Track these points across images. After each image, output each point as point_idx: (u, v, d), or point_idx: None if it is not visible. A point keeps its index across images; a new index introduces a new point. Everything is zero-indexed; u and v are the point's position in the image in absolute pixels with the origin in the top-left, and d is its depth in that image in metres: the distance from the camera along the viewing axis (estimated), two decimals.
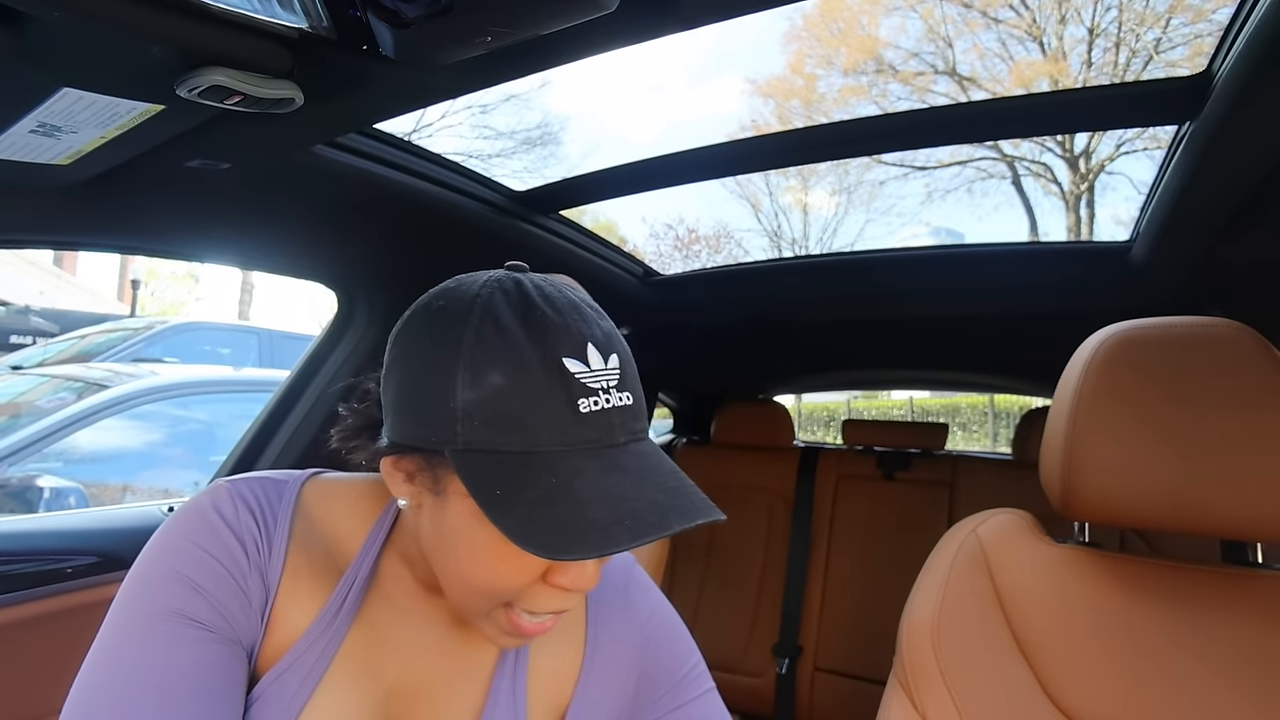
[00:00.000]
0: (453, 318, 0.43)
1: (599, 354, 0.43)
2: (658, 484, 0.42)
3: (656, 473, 0.43)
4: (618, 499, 0.40)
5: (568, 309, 0.44)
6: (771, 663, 1.82)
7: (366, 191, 0.95)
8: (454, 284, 0.46)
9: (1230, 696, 0.64)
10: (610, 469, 0.41)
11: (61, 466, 2.14)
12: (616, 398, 0.43)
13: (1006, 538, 0.79)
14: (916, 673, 0.75)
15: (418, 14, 0.49)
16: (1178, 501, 0.66)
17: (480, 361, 0.41)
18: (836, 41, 14.16)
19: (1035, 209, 13.79)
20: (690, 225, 17.73)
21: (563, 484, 0.40)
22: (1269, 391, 0.65)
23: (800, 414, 13.50)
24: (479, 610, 0.46)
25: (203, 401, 2.51)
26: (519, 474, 0.40)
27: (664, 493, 0.42)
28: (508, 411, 0.40)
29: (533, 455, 0.40)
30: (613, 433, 0.42)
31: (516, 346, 0.41)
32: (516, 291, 0.44)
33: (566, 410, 0.41)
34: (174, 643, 0.44)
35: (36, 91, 0.56)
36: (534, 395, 0.40)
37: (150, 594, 0.45)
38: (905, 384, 3.09)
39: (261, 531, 0.49)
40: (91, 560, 1.02)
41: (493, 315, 0.42)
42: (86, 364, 3.18)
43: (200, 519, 0.48)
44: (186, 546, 0.47)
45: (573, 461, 0.41)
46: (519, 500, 0.39)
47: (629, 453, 0.43)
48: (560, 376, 0.41)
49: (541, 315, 0.42)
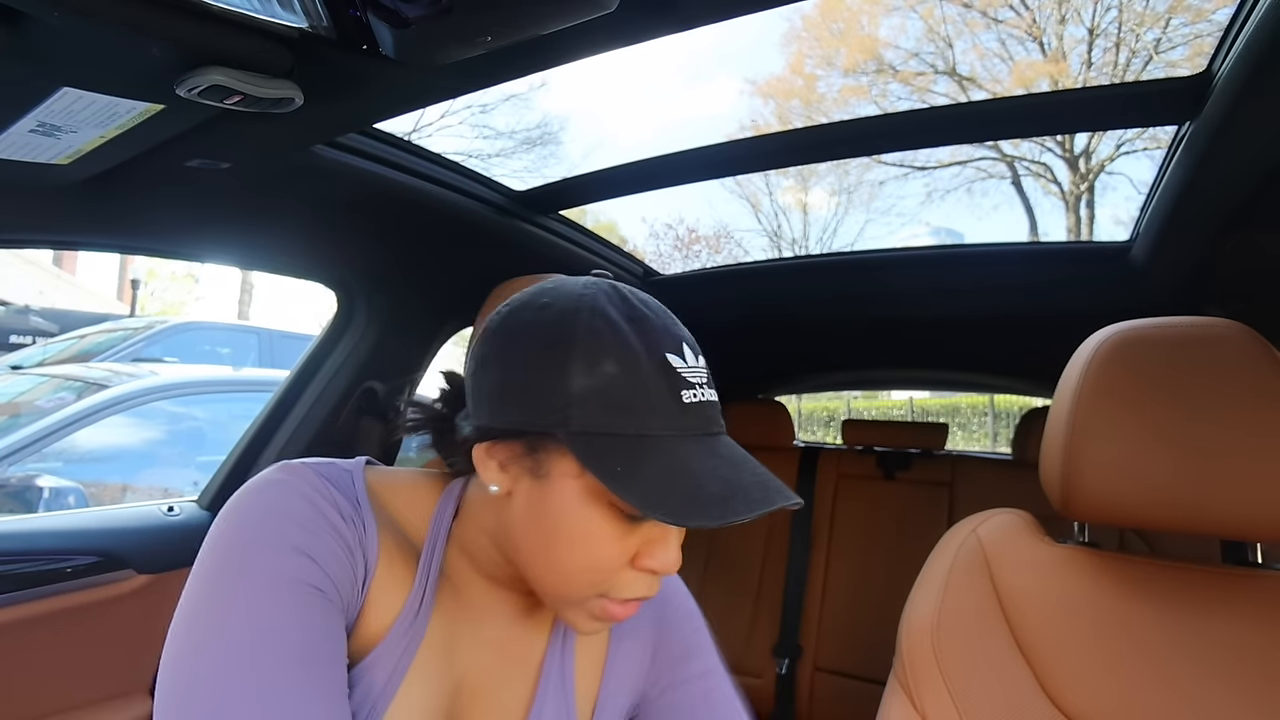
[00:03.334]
0: (562, 313, 0.46)
1: (691, 353, 0.47)
2: (750, 469, 0.46)
3: (746, 460, 0.47)
4: (725, 478, 0.43)
5: (662, 312, 0.48)
6: (771, 663, 1.82)
7: (366, 191, 0.95)
8: (553, 285, 0.49)
9: (1230, 696, 0.64)
10: (712, 454, 0.45)
11: (61, 466, 2.14)
12: (708, 393, 0.47)
13: (1006, 538, 0.79)
14: (916, 673, 0.75)
15: (418, 14, 0.49)
16: (1177, 501, 0.66)
17: (595, 351, 0.44)
18: (836, 42, 14.16)
19: (1035, 209, 13.81)
20: (690, 225, 17.75)
21: (677, 463, 0.43)
22: (1269, 391, 0.65)
23: (800, 414, 13.49)
24: (573, 598, 0.47)
25: (203, 401, 2.51)
26: (634, 454, 0.43)
27: (757, 476, 0.45)
28: (620, 398, 0.43)
29: (645, 439, 0.43)
30: (709, 423, 0.46)
31: (627, 340, 0.44)
32: (617, 294, 0.47)
33: (671, 400, 0.44)
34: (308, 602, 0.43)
35: (36, 91, 0.56)
36: (644, 384, 0.44)
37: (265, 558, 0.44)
38: (905, 384, 3.09)
39: (353, 510, 0.49)
40: (91, 560, 1.01)
41: (602, 312, 0.45)
42: (86, 364, 3.18)
43: (294, 493, 0.47)
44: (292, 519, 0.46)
45: (681, 445, 0.44)
46: (639, 476, 0.42)
47: (722, 442, 0.47)
48: (665, 369, 0.44)
49: (643, 315, 0.46)
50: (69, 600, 0.98)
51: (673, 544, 0.47)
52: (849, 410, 12.25)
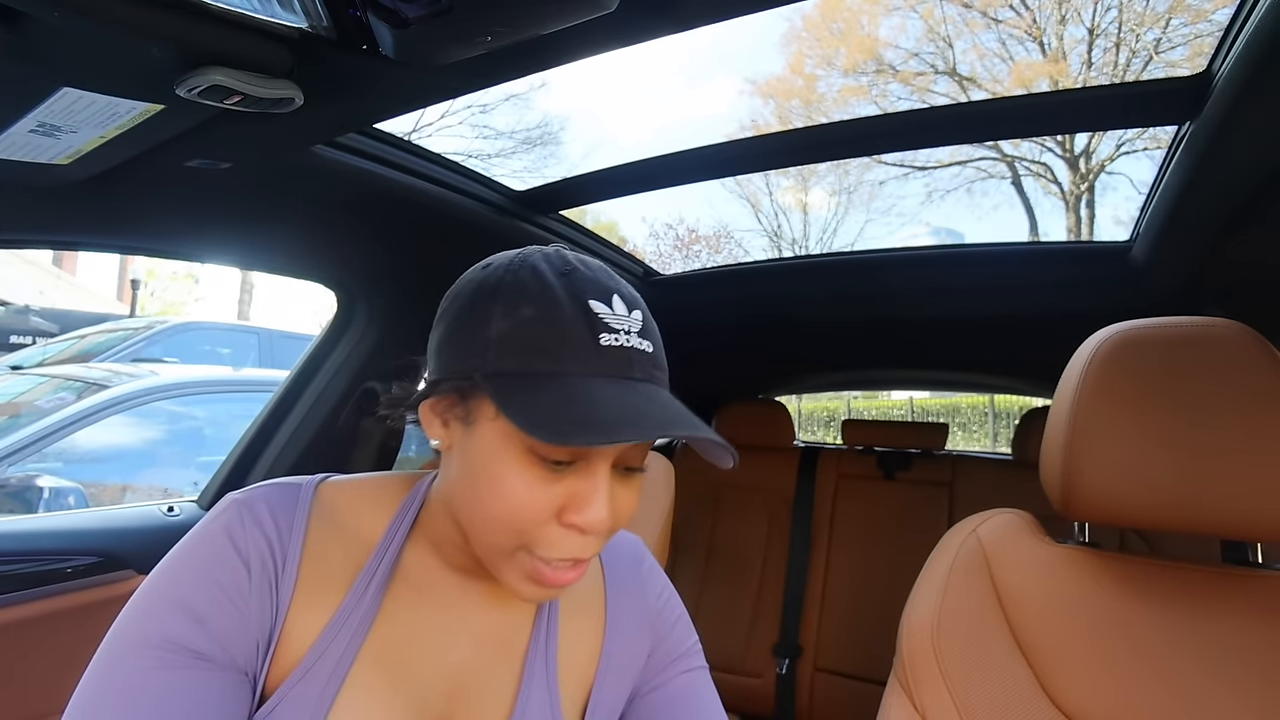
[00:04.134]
0: (496, 268, 0.49)
1: (623, 303, 0.47)
2: (672, 408, 0.45)
3: (671, 402, 0.46)
4: (630, 406, 0.43)
5: (597, 269, 0.49)
6: (771, 663, 1.82)
7: (366, 191, 0.95)
8: (499, 254, 0.51)
9: (1230, 696, 0.64)
10: (627, 392, 0.44)
11: (61, 466, 2.14)
12: (637, 340, 0.46)
13: (1006, 538, 0.79)
14: (916, 673, 0.75)
15: (418, 14, 0.49)
16: (1177, 501, 0.66)
17: (515, 297, 0.45)
18: (836, 42, 14.16)
19: (1035, 209, 13.80)
20: (690, 225, 17.76)
21: (580, 392, 0.43)
22: (1269, 391, 0.65)
23: (800, 414, 13.49)
24: (501, 550, 0.47)
25: (203, 401, 2.51)
26: (543, 386, 0.43)
27: (674, 413, 0.45)
28: (535, 339, 0.44)
29: (558, 376, 0.44)
30: (630, 367, 0.46)
31: (548, 287, 0.46)
32: (556, 254, 0.49)
33: (589, 340, 0.44)
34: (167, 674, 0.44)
35: (36, 91, 0.56)
36: (560, 325, 0.44)
37: (147, 619, 0.46)
38: (905, 384, 3.09)
39: (273, 547, 0.49)
40: (91, 560, 1.02)
41: (532, 266, 0.47)
42: (86, 364, 3.18)
43: (207, 544, 0.49)
44: (188, 573, 0.48)
45: (594, 381, 0.44)
46: (538, 405, 0.42)
47: (645, 389, 0.46)
48: (584, 312, 0.45)
49: (574, 269, 0.48)
50: (69, 600, 0.98)
51: (598, 498, 0.45)
52: (849, 410, 12.25)
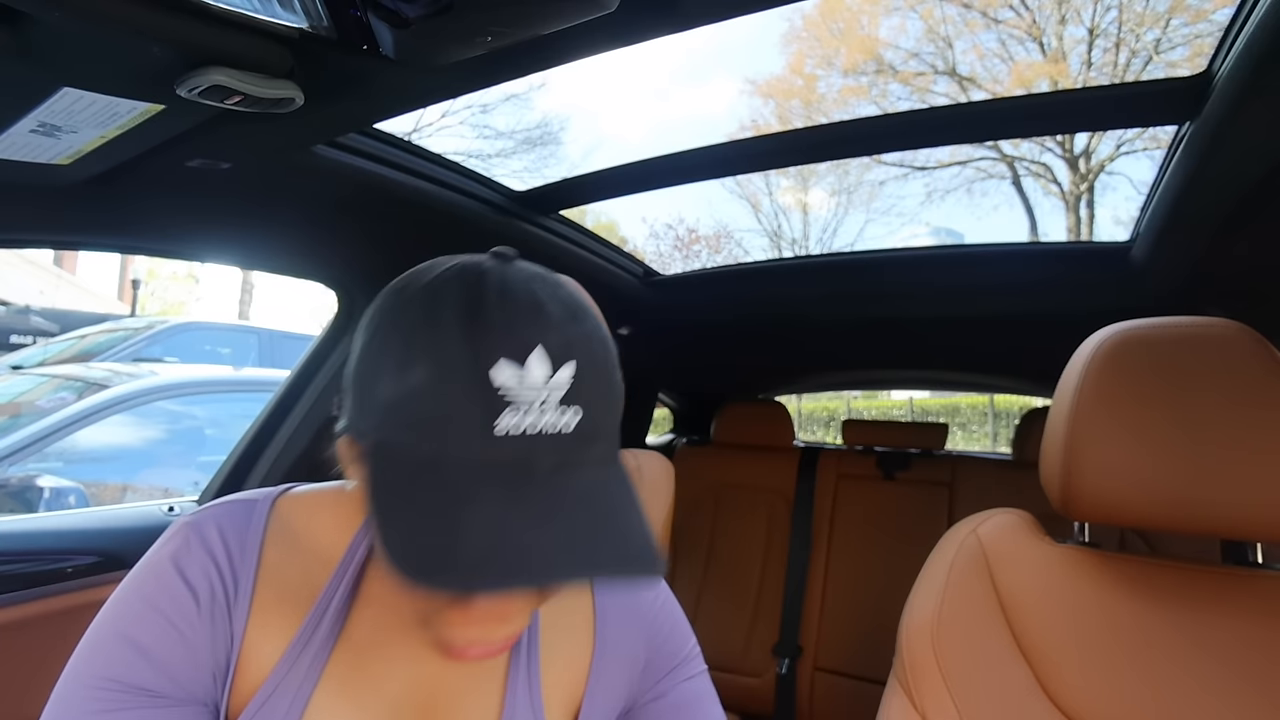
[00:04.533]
0: (401, 302, 0.40)
1: (546, 363, 0.37)
2: (564, 529, 0.36)
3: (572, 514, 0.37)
4: (504, 535, 0.35)
5: (524, 308, 0.38)
6: (771, 663, 1.82)
7: (366, 191, 0.95)
8: (428, 265, 0.43)
9: (1230, 696, 0.64)
10: (515, 502, 0.36)
11: (61, 466, 2.14)
12: (553, 417, 0.37)
13: (1006, 538, 0.79)
14: (916, 673, 0.75)
15: (418, 14, 0.49)
16: (1177, 501, 0.66)
17: (407, 354, 0.38)
18: (836, 42, 14.16)
19: (1035, 209, 13.81)
20: (690, 225, 17.77)
21: (451, 506, 0.35)
22: (1269, 391, 0.65)
23: (800, 414, 13.49)
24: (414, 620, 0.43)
25: (203, 401, 2.51)
26: (418, 484, 0.36)
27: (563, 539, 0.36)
28: (423, 414, 0.37)
29: (437, 468, 0.36)
30: (531, 460, 0.37)
31: (446, 344, 0.37)
32: (476, 282, 0.39)
33: (481, 426, 0.36)
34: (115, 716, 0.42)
35: (36, 91, 0.56)
36: (451, 402, 0.36)
37: (95, 658, 0.44)
38: (905, 384, 3.09)
39: (223, 572, 0.47)
40: (91, 560, 1.02)
41: (434, 306, 0.39)
42: (86, 364, 3.18)
43: (152, 573, 0.46)
44: (134, 604, 0.45)
45: (476, 486, 0.36)
46: (405, 513, 0.36)
47: (548, 485, 0.37)
48: (484, 384, 0.36)
49: (488, 313, 0.38)
50: (69, 600, 0.98)
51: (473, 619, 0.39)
52: (849, 410, 12.25)
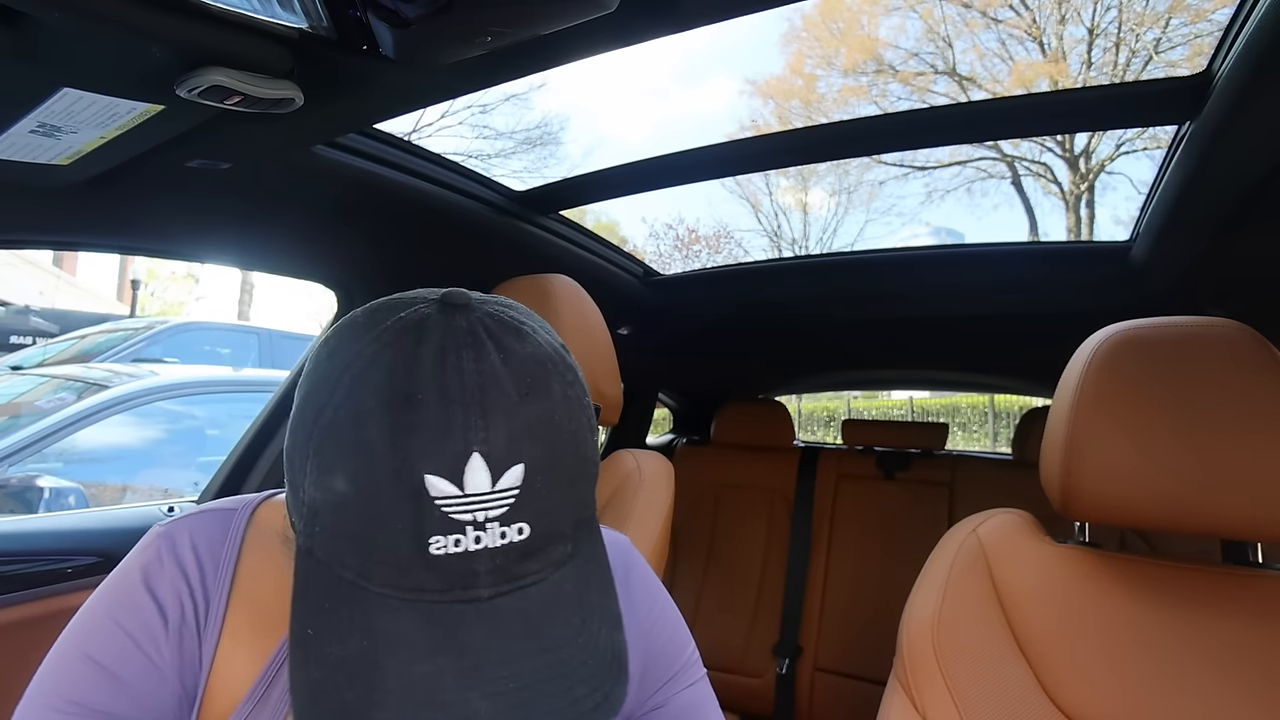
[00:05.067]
0: (331, 370, 0.35)
1: (486, 470, 0.32)
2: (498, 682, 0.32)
3: (512, 657, 0.33)
4: (422, 701, 0.31)
5: (466, 394, 0.33)
6: (771, 663, 1.82)
7: (366, 191, 0.95)
8: (365, 316, 0.37)
9: (1230, 696, 0.64)
10: (442, 647, 0.32)
11: (61, 466, 2.14)
12: (495, 534, 0.33)
13: (1007, 538, 0.79)
14: (917, 673, 0.75)
15: (418, 14, 0.49)
16: (1178, 501, 0.66)
17: (328, 455, 0.33)
18: (836, 42, 14.16)
19: (1035, 209, 13.80)
20: (690, 225, 17.73)
21: (371, 655, 0.32)
22: (1269, 391, 0.65)
23: (800, 414, 13.49)
24: None
25: (203, 401, 2.51)
26: (338, 614, 0.33)
27: (495, 699, 0.31)
28: (348, 528, 0.33)
29: (362, 593, 0.33)
30: (473, 583, 0.33)
31: (372, 445, 0.32)
32: (411, 355, 0.34)
33: (411, 546, 0.32)
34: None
35: (36, 91, 0.56)
36: (377, 516, 0.32)
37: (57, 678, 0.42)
38: (905, 384, 3.09)
39: (194, 590, 0.45)
40: (91, 560, 1.02)
41: (361, 389, 0.33)
42: (86, 364, 3.17)
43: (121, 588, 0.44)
44: (100, 622, 0.43)
45: (400, 620, 0.32)
46: (322, 654, 0.32)
47: (489, 614, 0.33)
48: (414, 499, 0.31)
49: (421, 401, 0.32)
50: (70, 600, 0.98)
51: None
52: (849, 410, 12.25)
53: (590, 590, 0.37)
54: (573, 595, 0.36)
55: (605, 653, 0.35)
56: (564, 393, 0.36)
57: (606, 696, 0.33)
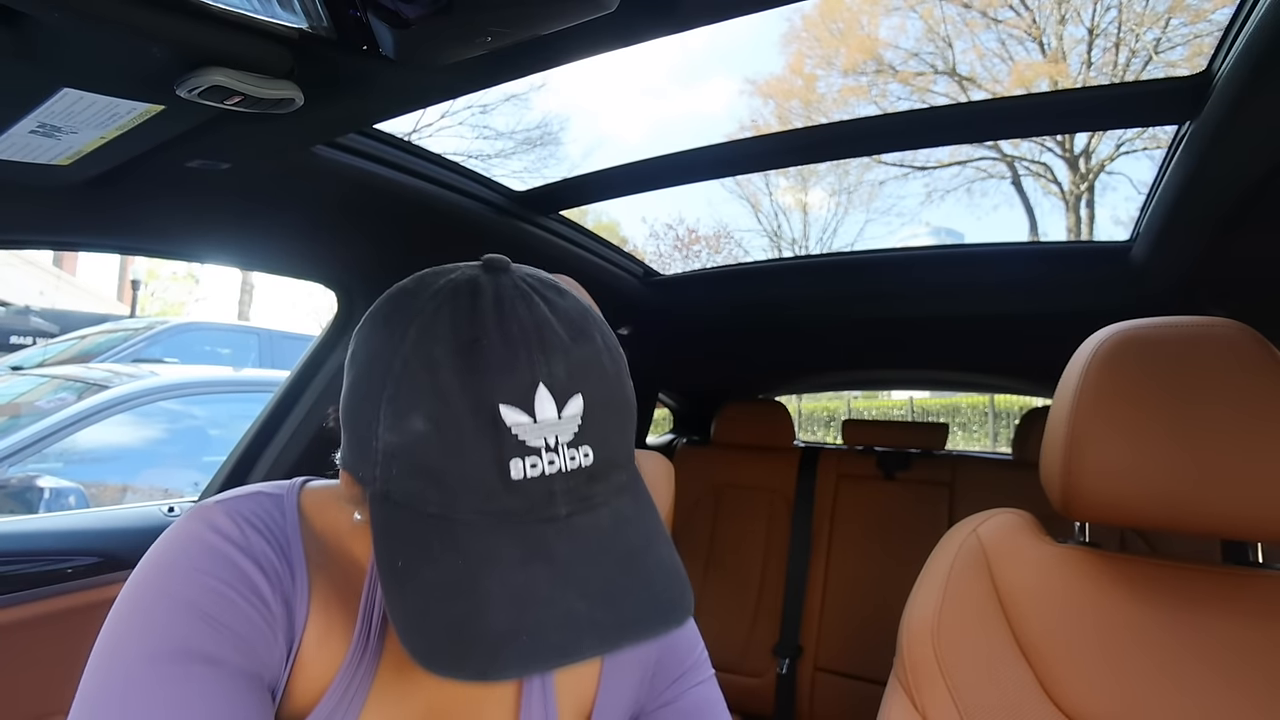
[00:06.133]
0: (390, 334, 0.37)
1: (552, 400, 0.35)
2: (590, 583, 0.35)
3: (596, 562, 0.35)
4: (526, 603, 0.33)
5: (525, 335, 0.36)
6: (772, 663, 1.82)
7: (367, 192, 0.95)
8: (414, 283, 0.40)
9: (1230, 696, 0.64)
10: (533, 557, 0.34)
11: (61, 466, 2.14)
12: (566, 457, 0.35)
13: (1007, 537, 0.79)
14: (917, 673, 0.75)
15: (418, 14, 0.49)
16: (1178, 501, 0.66)
17: (404, 400, 0.35)
18: (836, 42, 14.17)
19: (1035, 209, 13.81)
20: (690, 225, 17.75)
21: (469, 571, 0.34)
22: (1269, 391, 0.65)
23: (800, 414, 13.49)
24: None
25: (203, 401, 2.51)
26: (428, 543, 0.34)
27: (591, 598, 0.34)
28: (428, 464, 0.35)
29: (447, 523, 0.35)
30: (551, 503, 0.35)
31: (446, 386, 0.34)
32: (468, 307, 0.37)
33: (493, 472, 0.34)
34: (182, 685, 0.38)
35: (36, 91, 0.56)
36: (458, 449, 0.34)
37: (151, 629, 0.40)
38: (905, 384, 3.09)
39: (277, 553, 0.44)
40: (92, 561, 1.02)
41: (428, 340, 0.36)
42: (86, 364, 3.18)
43: (202, 544, 0.42)
44: (193, 575, 0.41)
45: (491, 540, 0.34)
46: (418, 579, 0.34)
47: (569, 530, 0.36)
48: (492, 429, 0.34)
49: (487, 345, 0.35)
50: (70, 601, 0.98)
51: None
52: (849, 410, 12.25)
53: (647, 515, 0.40)
54: (634, 518, 0.39)
55: (669, 564, 0.38)
56: (604, 341, 0.40)
57: (681, 596, 0.37)
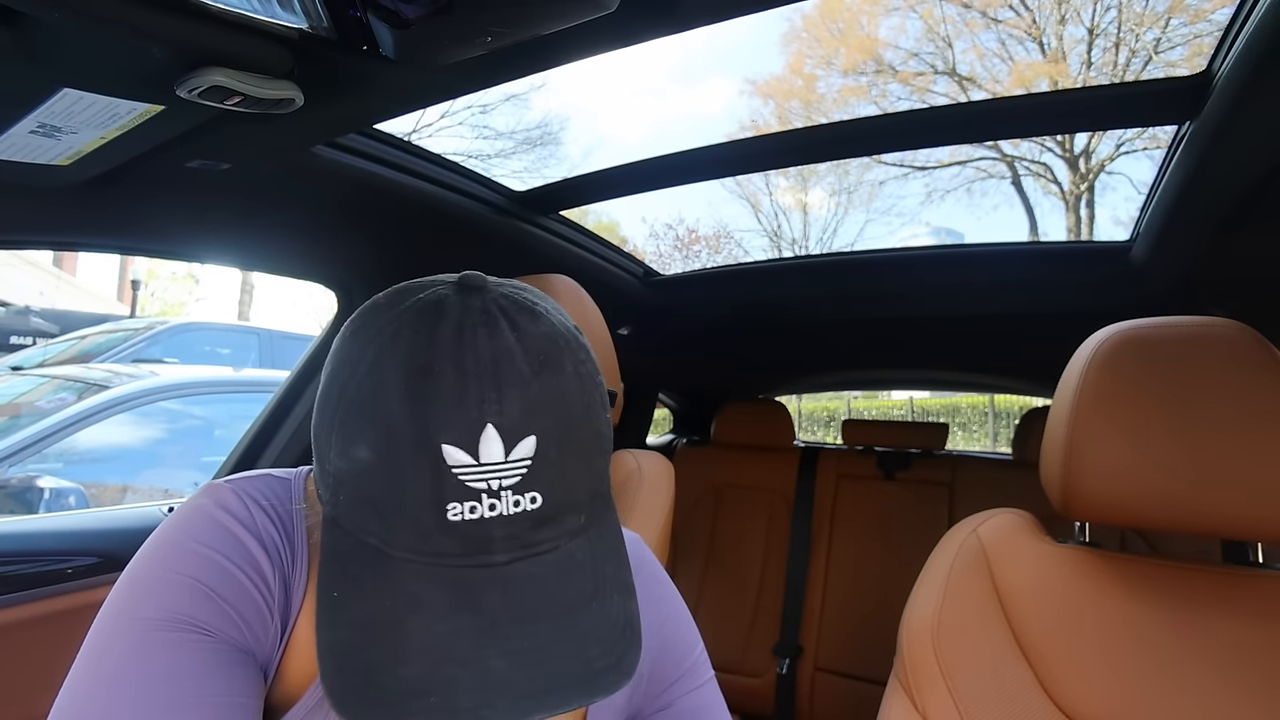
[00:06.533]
0: (350, 353, 0.37)
1: (500, 440, 0.34)
2: (513, 641, 0.33)
3: (528, 618, 0.34)
4: (442, 658, 0.32)
5: (480, 368, 0.34)
6: (772, 663, 1.82)
7: (367, 192, 0.95)
8: (387, 298, 0.40)
9: (1230, 696, 0.64)
10: (460, 605, 0.33)
11: (61, 467, 2.14)
12: (509, 502, 0.34)
13: (1007, 537, 0.79)
14: (917, 673, 0.75)
15: (418, 14, 0.49)
16: (1178, 501, 0.66)
17: (352, 426, 0.35)
18: (836, 42, 14.17)
19: (1035, 209, 13.81)
20: (690, 225, 17.75)
21: (394, 613, 0.33)
22: (1269, 391, 0.65)
23: (800, 414, 13.49)
24: None
25: (203, 402, 2.51)
26: (364, 577, 0.34)
27: (510, 657, 0.33)
28: (371, 495, 0.34)
29: (385, 557, 0.34)
30: (488, 549, 0.34)
31: (393, 416, 0.34)
32: (429, 330, 0.36)
33: (429, 513, 0.33)
34: (175, 652, 0.38)
35: (36, 91, 0.56)
36: (399, 484, 0.34)
37: (148, 598, 0.40)
38: (905, 384, 3.09)
39: (281, 534, 0.44)
40: (92, 561, 1.02)
41: (382, 365, 0.35)
42: (86, 364, 3.17)
43: (207, 519, 0.43)
44: (194, 548, 0.41)
45: (421, 582, 0.34)
46: (345, 616, 0.33)
47: (503, 579, 0.34)
48: (432, 467, 0.33)
49: (437, 376, 0.34)
50: (70, 601, 0.98)
51: None
52: (849, 410, 12.25)
53: (603, 560, 0.38)
54: (586, 564, 0.37)
55: (618, 619, 0.36)
56: (576, 370, 0.38)
57: (619, 660, 0.35)
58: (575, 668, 0.34)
